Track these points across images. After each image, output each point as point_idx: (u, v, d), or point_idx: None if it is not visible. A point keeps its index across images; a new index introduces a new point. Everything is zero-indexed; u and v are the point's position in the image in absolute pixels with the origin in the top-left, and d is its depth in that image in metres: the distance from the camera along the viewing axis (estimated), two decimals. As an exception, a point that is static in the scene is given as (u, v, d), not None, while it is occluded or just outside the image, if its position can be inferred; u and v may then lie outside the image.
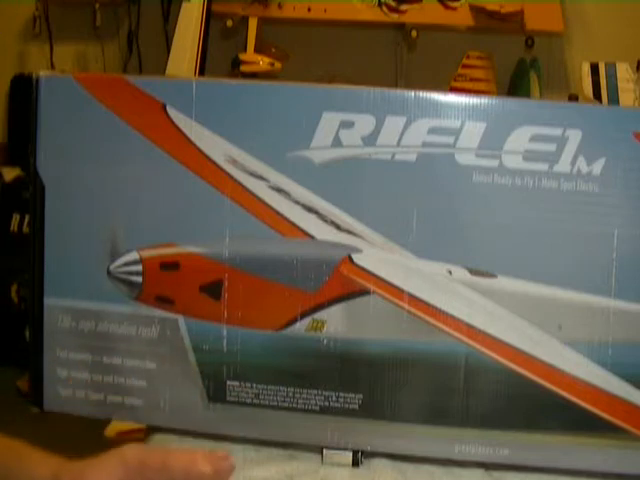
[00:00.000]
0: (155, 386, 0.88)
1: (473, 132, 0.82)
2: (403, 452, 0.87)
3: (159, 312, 0.87)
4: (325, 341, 0.85)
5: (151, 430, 0.94)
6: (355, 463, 0.87)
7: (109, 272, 0.87)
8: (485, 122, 0.81)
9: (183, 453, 0.67)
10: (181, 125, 0.85)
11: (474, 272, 0.83)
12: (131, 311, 0.88)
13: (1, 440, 0.75)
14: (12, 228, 2.55)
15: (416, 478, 0.87)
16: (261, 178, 0.84)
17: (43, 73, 0.87)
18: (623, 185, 0.80)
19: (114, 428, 1.83)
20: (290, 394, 0.86)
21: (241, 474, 0.86)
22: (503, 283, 0.82)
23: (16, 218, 2.55)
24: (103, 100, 0.86)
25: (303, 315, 0.85)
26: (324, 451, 0.88)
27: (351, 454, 0.87)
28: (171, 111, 0.85)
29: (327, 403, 0.86)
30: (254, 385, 0.86)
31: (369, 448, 0.87)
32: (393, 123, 0.82)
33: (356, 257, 0.84)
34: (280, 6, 2.29)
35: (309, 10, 2.29)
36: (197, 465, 0.65)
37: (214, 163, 0.85)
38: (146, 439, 0.94)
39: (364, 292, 0.84)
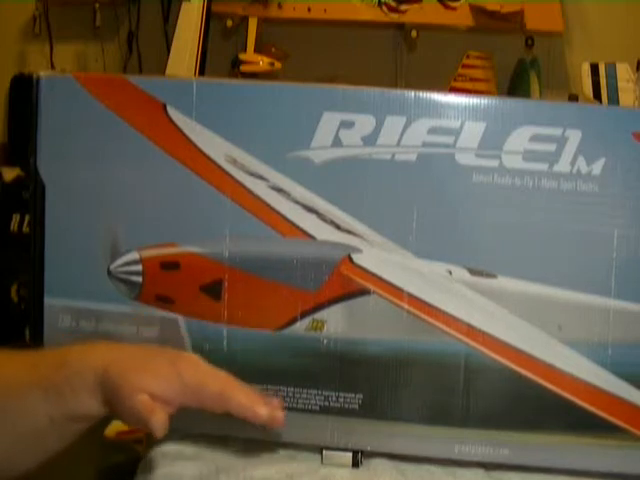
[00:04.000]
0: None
1: (473, 132, 0.82)
2: (403, 452, 0.87)
3: (159, 312, 0.87)
4: (325, 341, 0.85)
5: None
6: (355, 464, 0.87)
7: (109, 272, 0.87)
8: (485, 122, 0.81)
9: (242, 389, 0.66)
10: (181, 125, 0.85)
11: (474, 272, 0.83)
12: (131, 311, 0.88)
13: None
14: (12, 228, 2.54)
15: (416, 478, 0.87)
16: (261, 178, 0.84)
17: (43, 73, 0.87)
18: (623, 185, 0.81)
19: (114, 428, 1.83)
20: (290, 394, 0.86)
21: (241, 474, 0.86)
22: (503, 283, 0.82)
23: (16, 218, 2.55)
24: (103, 100, 0.86)
25: (303, 315, 0.85)
26: (324, 452, 0.88)
27: (351, 455, 0.87)
28: (171, 111, 0.85)
29: (327, 403, 0.86)
30: (254, 385, 0.86)
31: (369, 448, 0.87)
32: (393, 123, 0.82)
33: (356, 257, 0.84)
34: (280, 6, 2.29)
35: (309, 10, 2.29)
36: (255, 407, 0.65)
37: (214, 163, 0.85)
38: (146, 439, 0.94)
39: (364, 292, 0.84)
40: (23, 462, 0.73)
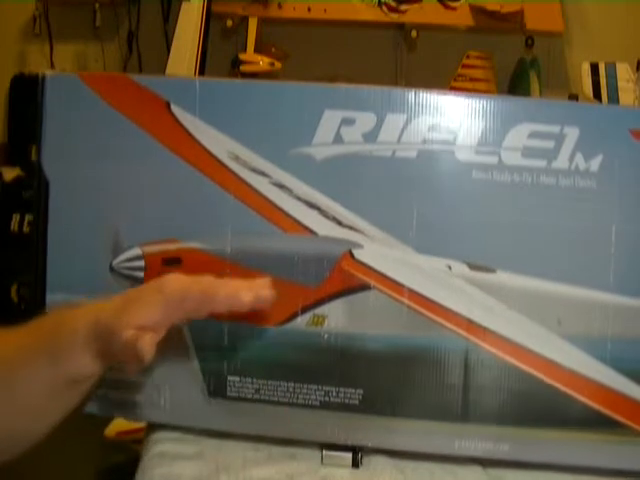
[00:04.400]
0: (156, 382, 0.89)
1: (472, 129, 0.82)
2: (403, 448, 0.87)
3: (161, 308, 0.88)
4: (326, 336, 0.85)
5: (151, 427, 0.94)
6: (355, 464, 0.87)
7: (111, 268, 0.87)
8: (484, 120, 0.82)
9: (224, 283, 0.66)
10: (185, 123, 0.85)
11: (474, 267, 0.83)
12: (133, 307, 0.88)
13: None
14: (12, 228, 2.55)
15: (416, 477, 0.87)
16: (263, 175, 0.85)
17: (48, 72, 0.88)
18: (620, 181, 0.81)
19: (114, 428, 1.84)
20: (290, 389, 0.86)
21: (241, 474, 0.86)
22: (502, 278, 0.83)
23: (16, 218, 2.56)
24: (107, 98, 0.87)
25: (304, 310, 0.85)
26: (324, 452, 0.88)
27: (351, 455, 0.87)
28: (175, 109, 0.85)
29: (327, 398, 0.86)
30: (254, 380, 0.87)
31: (369, 444, 0.87)
32: (393, 120, 0.83)
33: (357, 252, 0.84)
34: (280, 6, 2.30)
35: (309, 10, 2.30)
36: (239, 295, 0.65)
37: (217, 160, 0.85)
38: (146, 436, 0.94)
39: (364, 287, 0.84)
40: (28, 434, 0.73)
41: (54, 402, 0.70)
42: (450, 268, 0.83)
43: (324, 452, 0.87)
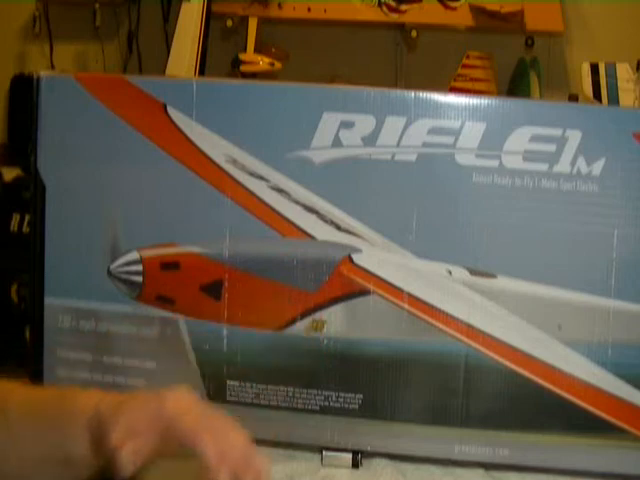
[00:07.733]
0: (155, 386, 0.88)
1: (473, 132, 0.82)
2: (403, 452, 0.87)
3: (159, 312, 0.88)
4: (325, 341, 0.85)
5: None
6: (355, 465, 0.87)
7: (109, 272, 0.87)
8: (485, 122, 0.82)
9: (212, 442, 0.66)
10: (181, 125, 0.85)
11: (474, 272, 0.83)
12: (131, 311, 0.88)
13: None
14: (12, 228, 2.54)
15: (416, 478, 0.87)
16: (261, 178, 0.84)
17: (43, 73, 0.87)
18: (623, 185, 0.81)
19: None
20: (290, 394, 0.86)
21: (241, 474, 0.86)
22: (503, 283, 0.82)
23: (16, 218, 2.54)
24: (104, 100, 0.86)
25: (303, 315, 0.85)
26: (324, 452, 0.88)
27: (351, 456, 0.87)
28: (171, 111, 0.85)
29: (327, 403, 0.86)
30: (254, 385, 0.86)
31: (369, 448, 0.87)
32: (393, 123, 0.82)
33: (356, 257, 0.84)
34: (280, 6, 2.29)
35: (309, 10, 2.29)
36: (215, 474, 0.65)
37: (214, 163, 0.85)
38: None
39: (364, 292, 0.84)
40: None
41: (44, 475, 0.70)
42: (450, 273, 0.83)
43: (324, 453, 0.87)
